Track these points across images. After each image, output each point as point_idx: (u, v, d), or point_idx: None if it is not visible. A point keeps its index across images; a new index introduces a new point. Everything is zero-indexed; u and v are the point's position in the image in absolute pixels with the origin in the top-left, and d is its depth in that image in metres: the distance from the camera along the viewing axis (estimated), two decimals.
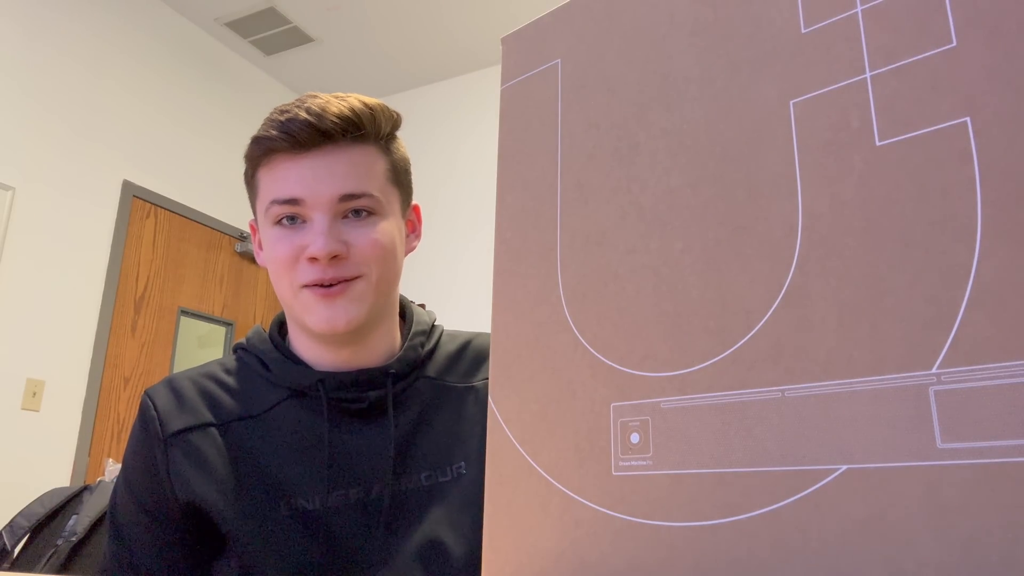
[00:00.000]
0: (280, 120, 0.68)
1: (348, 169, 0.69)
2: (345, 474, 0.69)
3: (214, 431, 0.70)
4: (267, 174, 0.70)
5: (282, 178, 0.69)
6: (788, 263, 0.28)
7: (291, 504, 0.67)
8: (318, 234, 0.67)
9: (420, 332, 0.77)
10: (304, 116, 0.67)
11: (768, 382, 0.28)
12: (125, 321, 3.11)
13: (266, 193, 0.70)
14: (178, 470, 0.68)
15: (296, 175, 0.68)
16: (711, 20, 0.33)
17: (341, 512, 0.67)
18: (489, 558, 0.34)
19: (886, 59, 0.28)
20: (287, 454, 0.69)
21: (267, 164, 0.70)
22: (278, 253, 0.69)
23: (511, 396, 0.36)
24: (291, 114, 0.68)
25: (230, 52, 3.75)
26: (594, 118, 0.36)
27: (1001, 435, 0.23)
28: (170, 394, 0.72)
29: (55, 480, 2.72)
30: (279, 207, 0.69)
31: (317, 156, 0.68)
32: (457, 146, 3.81)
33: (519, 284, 0.37)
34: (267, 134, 0.69)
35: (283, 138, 0.68)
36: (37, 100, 2.86)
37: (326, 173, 0.68)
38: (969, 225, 0.25)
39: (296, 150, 0.68)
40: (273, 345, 0.75)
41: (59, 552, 1.38)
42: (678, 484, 0.29)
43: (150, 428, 0.71)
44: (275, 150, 0.69)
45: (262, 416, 0.71)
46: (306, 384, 0.71)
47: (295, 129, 0.67)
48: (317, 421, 0.70)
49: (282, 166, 0.69)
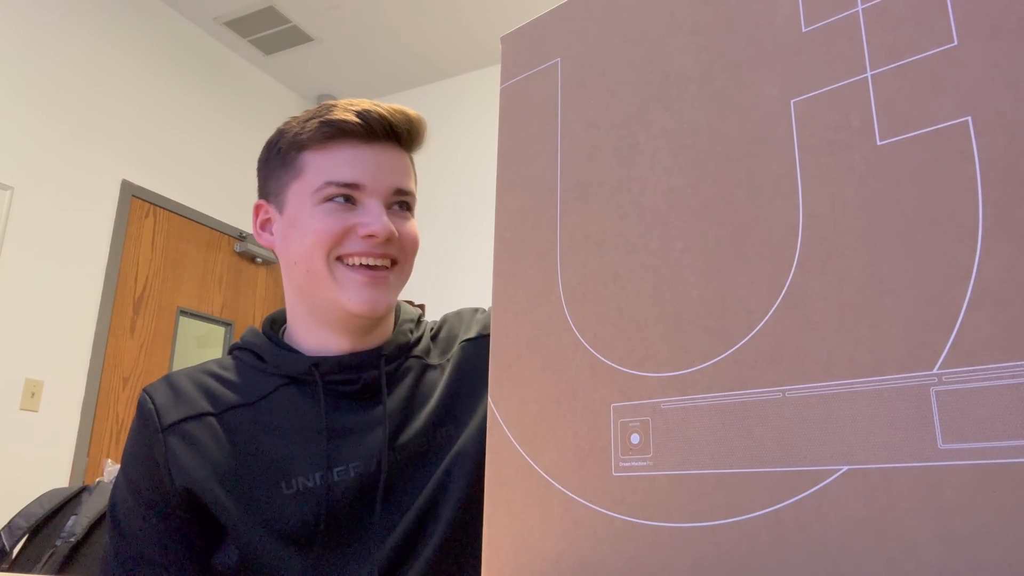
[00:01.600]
0: (354, 110, 0.74)
1: (402, 167, 0.76)
2: (343, 451, 0.71)
3: (211, 420, 0.72)
4: (324, 155, 0.74)
5: (347, 162, 0.73)
6: (789, 263, 0.28)
7: (292, 483, 0.69)
8: (378, 215, 0.72)
9: (408, 320, 0.82)
10: (380, 111, 0.74)
11: (769, 382, 0.28)
12: (124, 321, 3.10)
13: (320, 173, 0.73)
14: (176, 459, 0.70)
15: (361, 161, 0.73)
16: (711, 19, 0.33)
17: (342, 487, 0.69)
18: (489, 558, 0.34)
19: (887, 58, 0.28)
20: (285, 436, 0.71)
21: (327, 147, 0.74)
22: (324, 226, 0.72)
23: (511, 396, 0.36)
24: (363, 107, 0.74)
25: (229, 51, 3.75)
26: (594, 117, 0.36)
27: (1002, 436, 0.23)
28: (168, 389, 0.74)
29: (54, 481, 2.72)
30: (337, 188, 0.72)
31: (382, 149, 0.74)
32: (457, 146, 3.81)
33: (519, 284, 0.37)
34: (343, 118, 0.73)
35: (360, 125, 0.73)
36: (36, 99, 2.86)
37: (389, 166, 0.74)
38: (970, 225, 0.25)
39: (366, 139, 0.74)
40: (267, 338, 0.77)
41: (58, 553, 1.37)
42: (678, 484, 0.29)
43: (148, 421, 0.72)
44: (346, 133, 0.73)
45: (258, 403, 0.73)
46: (301, 370, 0.73)
47: (372, 119, 0.73)
48: (313, 404, 0.72)
49: (348, 151, 0.73)
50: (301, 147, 0.75)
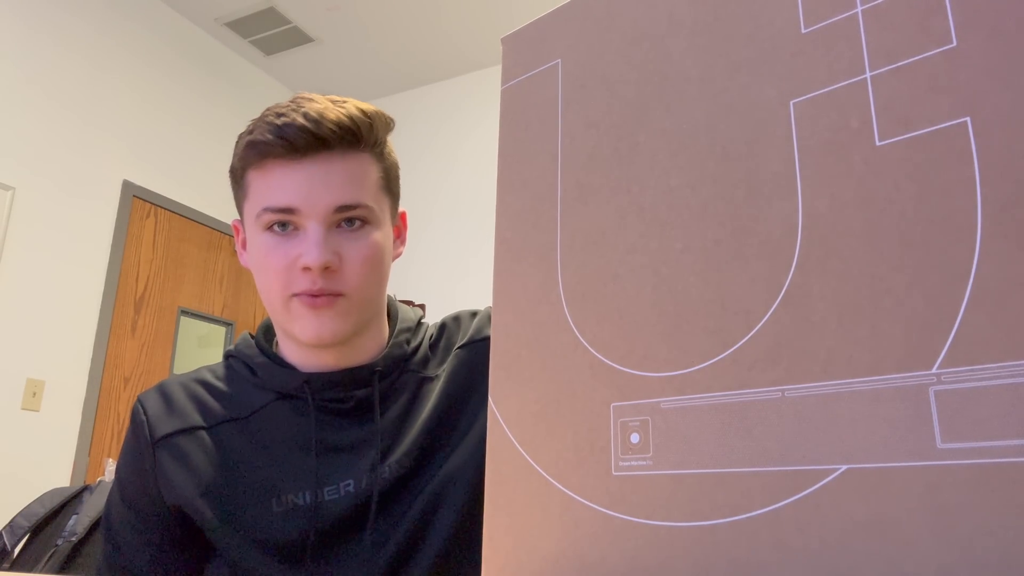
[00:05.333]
0: (276, 124, 0.66)
1: (344, 179, 0.67)
2: (334, 470, 0.69)
3: (203, 434, 0.71)
4: (259, 178, 0.68)
5: (277, 186, 0.66)
6: (788, 263, 0.28)
7: (282, 500, 0.68)
8: (313, 244, 0.65)
9: (405, 329, 0.77)
10: (301, 121, 0.65)
11: (768, 382, 0.28)
12: (125, 321, 3.11)
13: (258, 198, 0.68)
14: (166, 475, 0.69)
15: (292, 183, 0.66)
16: (711, 20, 0.33)
17: (331, 506, 0.68)
18: (489, 558, 0.34)
19: (886, 59, 0.28)
20: (275, 453, 0.70)
21: (260, 167, 0.68)
22: (271, 262, 0.67)
23: (511, 396, 0.36)
24: (287, 118, 0.66)
25: (230, 52, 3.75)
26: (594, 118, 0.36)
27: (1001, 435, 0.23)
28: (160, 399, 0.73)
29: (55, 480, 2.73)
30: (272, 215, 0.67)
31: (313, 164, 0.66)
32: (458, 146, 3.81)
33: (519, 284, 0.37)
34: (263, 138, 0.66)
35: (279, 143, 0.65)
36: (37, 100, 2.86)
37: (322, 182, 0.66)
38: (969, 225, 0.25)
39: (292, 156, 0.66)
40: (260, 350, 0.74)
41: (59, 552, 1.38)
42: (678, 484, 0.29)
43: (140, 433, 0.71)
44: (270, 154, 0.66)
45: (250, 418, 0.71)
46: (293, 386, 0.71)
47: (292, 135, 0.65)
48: (305, 420, 0.71)
49: (276, 172, 0.67)
50: (244, 167, 0.70)
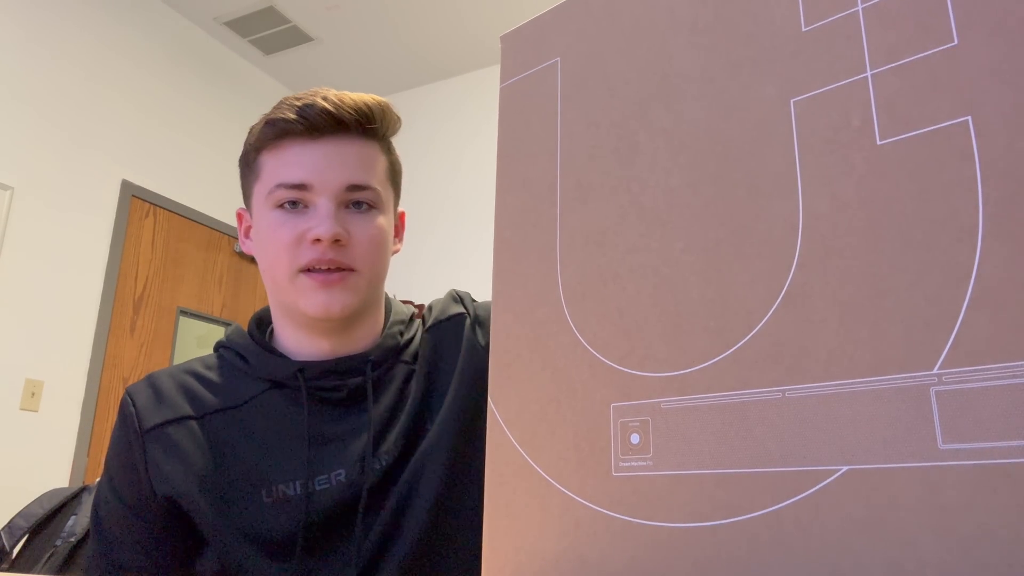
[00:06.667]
0: (297, 105, 0.70)
1: (357, 160, 0.71)
2: (326, 460, 0.69)
3: (193, 423, 0.70)
4: (274, 157, 0.71)
5: (293, 162, 0.70)
6: (789, 263, 0.28)
7: (272, 491, 0.68)
8: (324, 217, 0.68)
9: (399, 321, 0.79)
10: (322, 104, 0.69)
11: (769, 382, 0.28)
12: (124, 321, 3.10)
13: (271, 176, 0.71)
14: (156, 464, 0.69)
15: (308, 159, 0.69)
16: (711, 18, 0.33)
17: (322, 497, 0.68)
18: (489, 558, 0.34)
19: (887, 58, 0.28)
20: (267, 443, 0.70)
21: (276, 147, 0.71)
22: (280, 235, 0.69)
23: (511, 396, 0.36)
24: (308, 101, 0.70)
25: (229, 51, 3.75)
26: (594, 117, 0.36)
27: (1002, 436, 0.23)
28: (149, 390, 0.72)
29: (54, 481, 2.72)
30: (285, 191, 0.69)
31: (329, 143, 0.70)
32: (458, 146, 3.81)
33: (519, 284, 0.37)
34: (283, 116, 0.70)
35: (300, 122, 0.69)
36: (35, 99, 2.86)
37: (337, 161, 0.70)
38: (970, 224, 0.25)
39: (310, 135, 0.70)
40: (252, 339, 0.75)
41: (58, 553, 1.37)
42: (678, 484, 0.29)
43: (128, 424, 0.71)
44: (289, 133, 0.70)
45: (241, 407, 0.71)
46: (285, 375, 0.72)
47: (312, 114, 0.69)
48: (297, 410, 0.71)
49: (293, 150, 0.70)
50: (259, 149, 0.73)
